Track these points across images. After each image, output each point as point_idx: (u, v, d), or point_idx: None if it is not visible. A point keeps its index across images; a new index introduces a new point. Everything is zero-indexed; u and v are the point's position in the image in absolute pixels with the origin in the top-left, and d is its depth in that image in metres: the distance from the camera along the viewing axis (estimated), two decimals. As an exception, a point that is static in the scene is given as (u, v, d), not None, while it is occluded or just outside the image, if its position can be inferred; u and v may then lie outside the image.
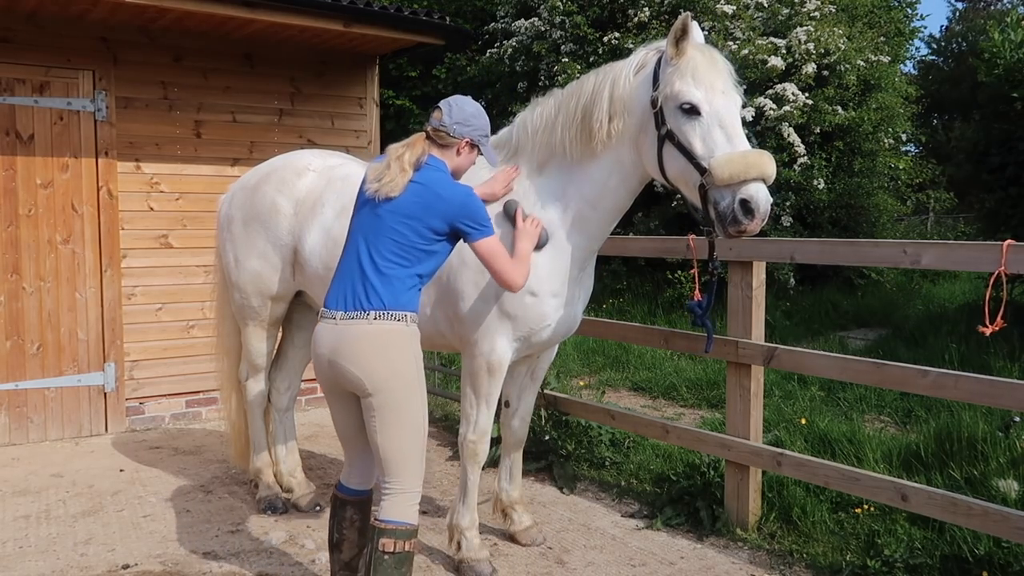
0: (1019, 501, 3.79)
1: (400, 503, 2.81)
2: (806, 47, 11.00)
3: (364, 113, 6.89)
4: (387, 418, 2.77)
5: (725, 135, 2.98)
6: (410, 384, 2.80)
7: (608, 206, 3.42)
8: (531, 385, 4.00)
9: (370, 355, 2.74)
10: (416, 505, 2.85)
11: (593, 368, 8.23)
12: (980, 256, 3.31)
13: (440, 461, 5.36)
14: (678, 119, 3.05)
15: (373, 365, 2.74)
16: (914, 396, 6.12)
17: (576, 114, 3.33)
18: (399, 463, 2.80)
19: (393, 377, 2.76)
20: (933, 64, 28.91)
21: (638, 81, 3.23)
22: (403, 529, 2.78)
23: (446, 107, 3.02)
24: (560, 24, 12.64)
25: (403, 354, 2.79)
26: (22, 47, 5.53)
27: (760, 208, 2.89)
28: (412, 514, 2.82)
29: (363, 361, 2.74)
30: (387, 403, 2.76)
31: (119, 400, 5.97)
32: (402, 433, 2.79)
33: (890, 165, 13.28)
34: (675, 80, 3.04)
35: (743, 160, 2.90)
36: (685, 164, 3.05)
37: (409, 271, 2.86)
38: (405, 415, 2.79)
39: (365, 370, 2.74)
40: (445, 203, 2.87)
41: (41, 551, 3.91)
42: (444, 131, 2.98)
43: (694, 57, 3.05)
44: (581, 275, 3.59)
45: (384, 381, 2.75)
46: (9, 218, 5.56)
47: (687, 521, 4.22)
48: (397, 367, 2.77)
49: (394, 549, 2.75)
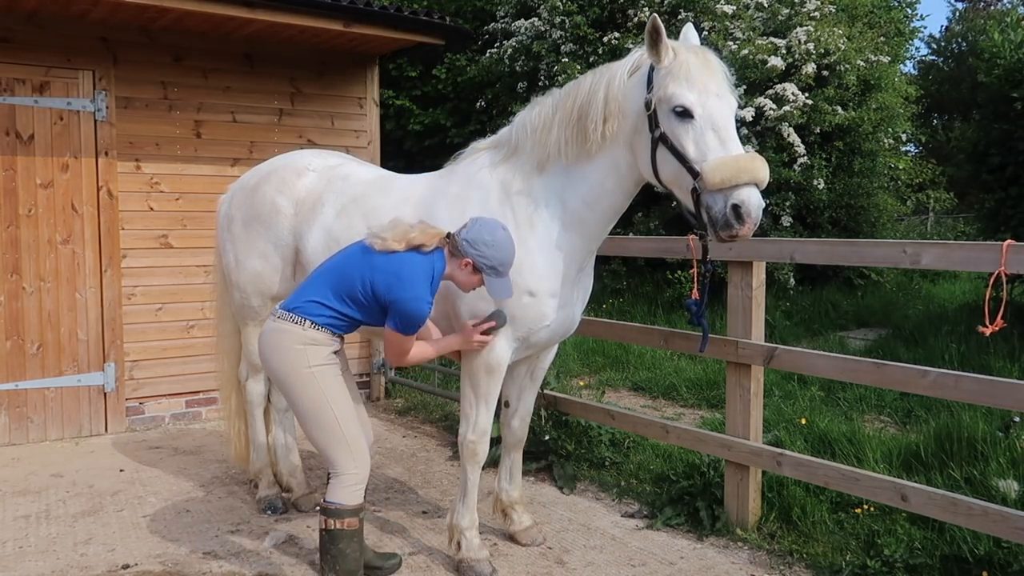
0: (1019, 501, 3.79)
1: (336, 486, 3.07)
2: (806, 47, 10.99)
3: (364, 113, 6.89)
4: (297, 412, 3.10)
5: (718, 138, 2.98)
6: (302, 380, 3.04)
7: (605, 207, 3.42)
8: (531, 385, 4.00)
9: (266, 353, 3.10)
10: (352, 487, 3.08)
11: (593, 368, 8.23)
12: (980, 256, 3.31)
13: (440, 461, 5.36)
14: (671, 122, 3.04)
15: (268, 362, 3.11)
16: (914, 396, 6.11)
17: (572, 114, 3.33)
18: (325, 451, 3.09)
19: (283, 373, 3.06)
20: (933, 64, 28.90)
21: (632, 83, 3.22)
22: (338, 509, 3.04)
23: (472, 221, 3.12)
24: (560, 24, 12.64)
25: (292, 352, 3.03)
26: (22, 47, 5.53)
27: (752, 213, 2.89)
28: (348, 496, 3.06)
29: (264, 358, 3.13)
30: (289, 398, 3.11)
31: (119, 400, 5.97)
32: (313, 425, 3.07)
33: (890, 165, 13.27)
34: (668, 82, 3.03)
35: (735, 164, 2.89)
36: (678, 167, 3.05)
37: (341, 307, 3.09)
38: (308, 409, 3.05)
39: (266, 367, 3.13)
40: (392, 287, 3.00)
41: (41, 551, 3.91)
42: (455, 241, 3.10)
43: (687, 59, 3.04)
44: (580, 276, 3.59)
45: (274, 374, 3.10)
46: (9, 218, 5.56)
47: (687, 521, 4.22)
48: (287, 364, 3.04)
49: (327, 526, 3.05)
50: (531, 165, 3.49)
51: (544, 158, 3.44)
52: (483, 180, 3.56)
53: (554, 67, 12.44)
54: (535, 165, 3.48)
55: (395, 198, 3.78)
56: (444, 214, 3.56)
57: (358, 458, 3.11)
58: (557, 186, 3.44)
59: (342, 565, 3.06)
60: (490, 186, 3.53)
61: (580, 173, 3.38)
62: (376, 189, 3.88)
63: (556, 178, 3.44)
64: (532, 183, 3.47)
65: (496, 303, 3.33)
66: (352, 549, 3.07)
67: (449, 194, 3.63)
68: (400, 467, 5.23)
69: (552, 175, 3.44)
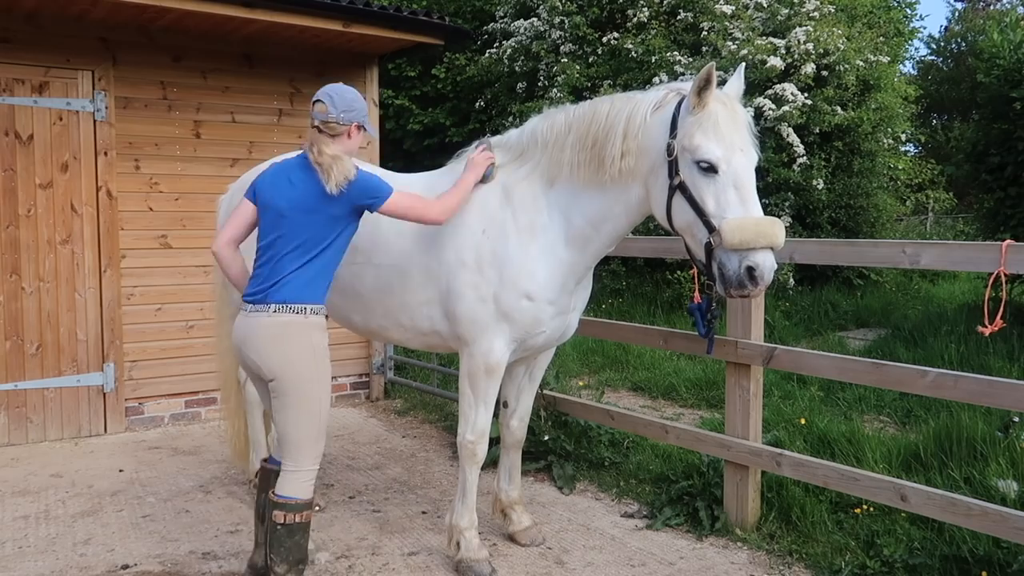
0: (1018, 501, 3.79)
1: (293, 480, 3.08)
2: (805, 47, 10.99)
3: (363, 113, 6.88)
4: (284, 402, 3.06)
5: (739, 197, 2.94)
6: (304, 373, 3.03)
7: (609, 230, 3.41)
8: (529, 385, 4.00)
9: (268, 345, 3.04)
10: (309, 482, 3.10)
11: (592, 368, 8.23)
12: (979, 256, 3.31)
13: (440, 461, 5.36)
14: (693, 173, 3.00)
15: (270, 354, 3.04)
16: (913, 396, 6.11)
17: (587, 139, 3.29)
18: (295, 444, 3.08)
19: (287, 365, 3.02)
20: (932, 64, 28.92)
21: (655, 121, 3.15)
22: (293, 503, 3.06)
23: (328, 100, 3.13)
24: (559, 24, 12.64)
25: (298, 345, 3.03)
26: (21, 47, 5.53)
27: (765, 277, 2.89)
28: (304, 490, 3.09)
29: (261, 351, 3.04)
30: (284, 389, 3.05)
31: (118, 400, 5.96)
32: (298, 417, 3.06)
33: (889, 165, 13.28)
34: (695, 133, 2.97)
35: (755, 228, 2.88)
36: (695, 219, 3.02)
37: (314, 264, 3.08)
38: (301, 401, 3.05)
39: (263, 358, 3.04)
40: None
41: (40, 551, 3.91)
42: (334, 122, 3.12)
43: (716, 111, 2.98)
44: (577, 288, 3.60)
45: (279, 369, 3.03)
46: (8, 218, 5.56)
47: (686, 521, 4.22)
48: (291, 357, 3.03)
49: (285, 521, 3.06)
50: (539, 175, 3.47)
51: (556, 174, 3.41)
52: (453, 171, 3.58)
53: (553, 67, 12.45)
54: (544, 177, 3.46)
55: None
56: None
57: (318, 456, 3.15)
58: (563, 202, 3.42)
59: (295, 555, 3.09)
60: (491, 187, 3.52)
61: (588, 196, 3.35)
62: None
63: (563, 194, 3.41)
64: (537, 192, 3.46)
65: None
66: (305, 540, 3.14)
67: (447, 193, 3.62)
68: (400, 467, 5.23)
69: (560, 191, 3.42)
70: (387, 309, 3.73)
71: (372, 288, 3.72)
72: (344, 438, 5.91)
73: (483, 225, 3.46)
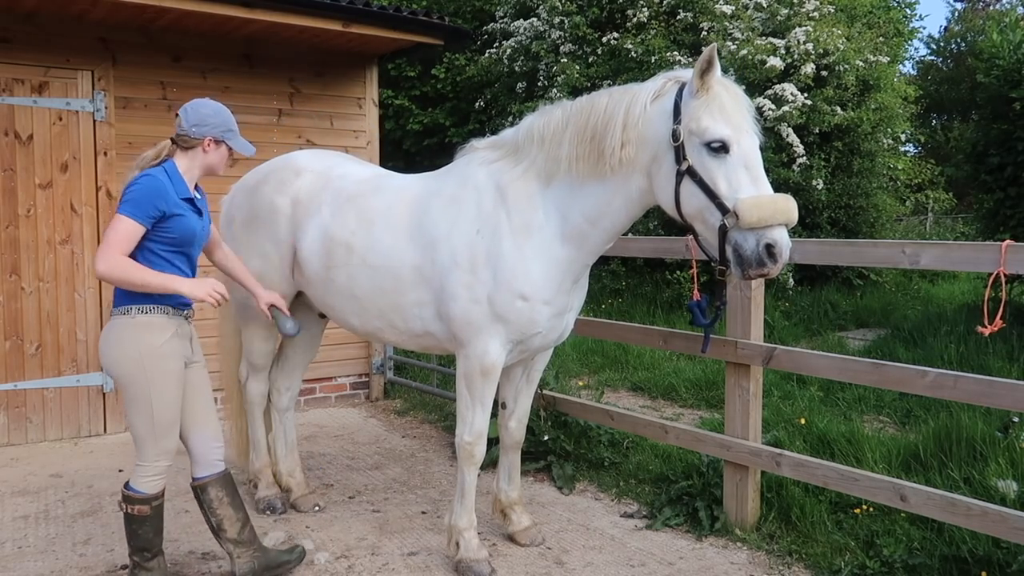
0: (1018, 501, 3.79)
1: (136, 474, 3.26)
2: (805, 47, 11.00)
3: (363, 113, 6.89)
4: (124, 401, 3.24)
5: (750, 176, 2.93)
6: (130, 373, 3.14)
7: (607, 226, 3.38)
8: (527, 387, 3.99)
9: (103, 347, 3.21)
10: (148, 477, 3.25)
11: (592, 368, 8.23)
12: (979, 256, 3.31)
13: (439, 461, 5.36)
14: (702, 156, 2.98)
15: (103, 354, 3.21)
16: (913, 396, 6.12)
17: (586, 132, 3.27)
18: (136, 439, 3.25)
19: (115, 366, 3.17)
20: (932, 64, 28.95)
21: (655, 110, 3.14)
22: (132, 496, 3.24)
23: (183, 113, 3.28)
24: (559, 24, 12.65)
25: (122, 346, 3.14)
26: (21, 47, 5.52)
27: (783, 253, 2.88)
28: (144, 484, 3.24)
29: (101, 352, 3.22)
30: (120, 389, 3.24)
31: (118, 400, 5.96)
32: (132, 414, 3.21)
33: (889, 165, 13.29)
34: (702, 115, 2.96)
35: (772, 205, 2.87)
36: (706, 203, 2.99)
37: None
38: (131, 400, 3.18)
39: (102, 359, 3.23)
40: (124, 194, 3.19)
41: (40, 551, 3.91)
42: (185, 135, 3.27)
43: (720, 93, 2.97)
44: (574, 287, 3.59)
45: (110, 369, 3.20)
46: (8, 218, 5.56)
47: (686, 521, 4.22)
48: (117, 357, 3.15)
49: (125, 510, 3.26)
50: (535, 173, 3.44)
51: (553, 171, 3.38)
52: (479, 181, 3.54)
53: (553, 67, 12.45)
54: (540, 174, 3.43)
55: (389, 197, 3.78)
56: (438, 214, 3.56)
57: (160, 452, 3.25)
58: (560, 198, 3.39)
59: (134, 543, 3.30)
60: (485, 187, 3.51)
61: (587, 190, 3.32)
62: (371, 188, 3.88)
63: (560, 190, 3.39)
64: (533, 191, 3.43)
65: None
66: (144, 531, 3.27)
67: (443, 194, 3.62)
68: (399, 467, 5.23)
69: (557, 187, 3.39)
70: (381, 310, 3.73)
71: (367, 289, 3.72)
72: (344, 438, 5.91)
73: (477, 225, 3.45)
